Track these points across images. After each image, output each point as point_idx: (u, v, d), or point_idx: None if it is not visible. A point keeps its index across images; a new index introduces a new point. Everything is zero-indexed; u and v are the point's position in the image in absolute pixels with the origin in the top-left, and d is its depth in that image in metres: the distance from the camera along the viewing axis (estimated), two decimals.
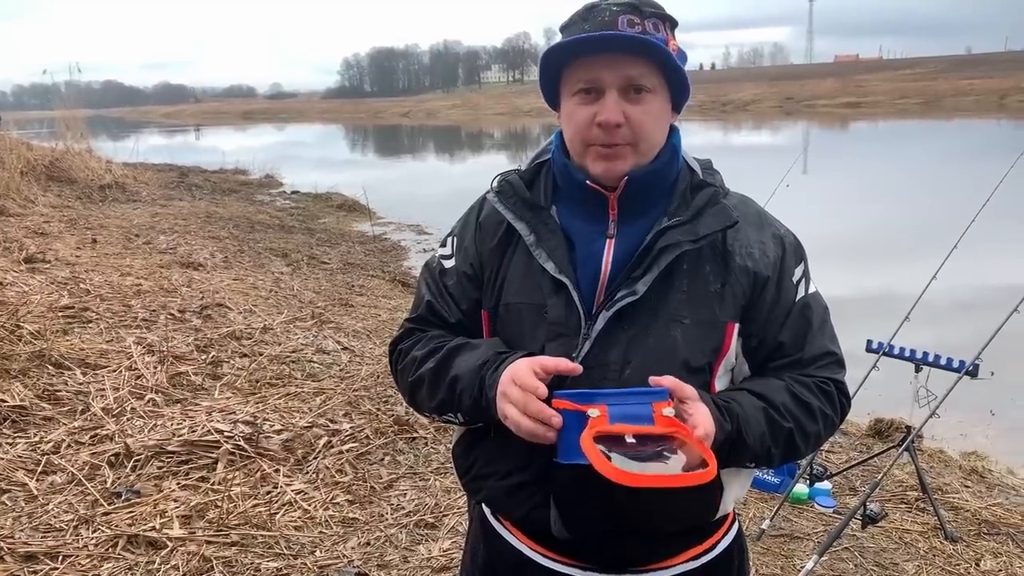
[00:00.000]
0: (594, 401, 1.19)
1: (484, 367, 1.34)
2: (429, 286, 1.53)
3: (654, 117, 1.34)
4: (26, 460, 3.63)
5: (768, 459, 1.36)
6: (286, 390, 4.69)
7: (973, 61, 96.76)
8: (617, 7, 1.29)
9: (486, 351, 1.38)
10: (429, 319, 1.51)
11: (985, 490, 4.11)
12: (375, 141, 48.45)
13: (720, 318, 1.36)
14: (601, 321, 1.34)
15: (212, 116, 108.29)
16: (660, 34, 1.30)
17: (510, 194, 1.45)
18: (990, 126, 36.89)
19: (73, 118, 16.79)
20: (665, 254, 1.33)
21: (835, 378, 1.42)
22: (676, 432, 1.17)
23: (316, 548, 3.24)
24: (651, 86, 1.32)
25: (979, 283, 7.37)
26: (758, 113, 63.13)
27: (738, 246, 1.38)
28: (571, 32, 1.33)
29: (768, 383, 1.38)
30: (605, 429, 1.15)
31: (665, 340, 1.34)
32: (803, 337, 1.40)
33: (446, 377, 1.39)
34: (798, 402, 1.36)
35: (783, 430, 1.34)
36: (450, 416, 1.42)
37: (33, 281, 6.36)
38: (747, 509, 3.75)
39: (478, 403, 1.34)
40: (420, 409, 1.49)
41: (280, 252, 9.84)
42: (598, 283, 1.37)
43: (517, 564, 1.46)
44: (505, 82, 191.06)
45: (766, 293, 1.38)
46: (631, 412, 1.18)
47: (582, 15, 1.33)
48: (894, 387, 4.07)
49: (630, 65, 1.30)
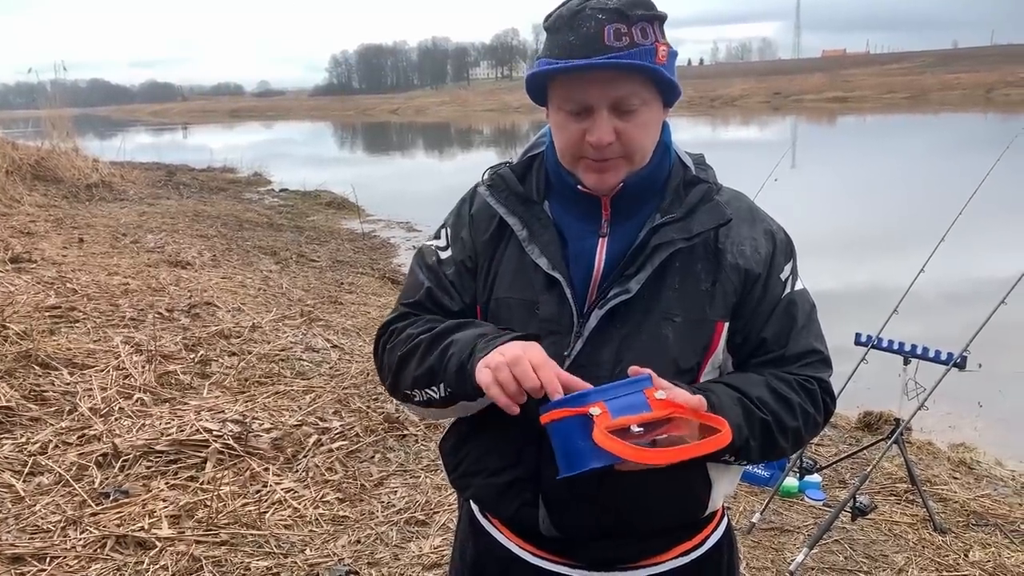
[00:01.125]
0: (588, 401, 1.15)
1: (483, 336, 1.29)
2: (428, 274, 1.47)
3: (646, 128, 1.31)
4: (12, 461, 3.60)
5: (747, 452, 1.32)
6: (275, 388, 4.67)
7: (959, 55, 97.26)
8: (603, 14, 1.23)
9: (493, 328, 1.33)
10: (427, 306, 1.46)
11: (973, 481, 4.13)
12: (364, 138, 48.31)
13: (710, 317, 1.34)
14: (594, 319, 1.32)
15: (199, 114, 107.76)
16: (649, 40, 1.25)
17: (502, 188, 1.42)
18: (977, 120, 37.11)
19: (59, 117, 16.67)
20: (659, 252, 1.31)
21: (818, 376, 1.40)
22: (675, 412, 1.16)
23: (306, 546, 3.23)
24: (642, 100, 1.28)
25: (967, 275, 7.42)
26: (746, 108, 63.29)
27: (730, 243, 1.36)
28: (555, 39, 1.28)
29: (747, 378, 1.36)
30: (612, 423, 1.13)
31: (657, 338, 1.32)
32: (787, 334, 1.38)
33: (440, 344, 1.33)
34: (777, 396, 1.34)
35: (760, 422, 1.31)
36: (432, 391, 1.33)
37: (19, 281, 6.31)
38: (737, 503, 3.76)
39: (464, 370, 1.26)
40: (401, 387, 1.40)
41: (269, 250, 9.80)
42: (591, 280, 1.35)
43: (506, 562, 1.46)
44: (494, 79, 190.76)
45: (755, 290, 1.36)
46: (627, 403, 1.16)
47: (567, 22, 1.26)
48: (883, 380, 4.09)
49: (619, 85, 1.26)
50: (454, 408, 1.37)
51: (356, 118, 79.37)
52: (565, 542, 1.39)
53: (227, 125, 72.35)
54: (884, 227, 11.02)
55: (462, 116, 71.66)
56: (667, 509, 1.35)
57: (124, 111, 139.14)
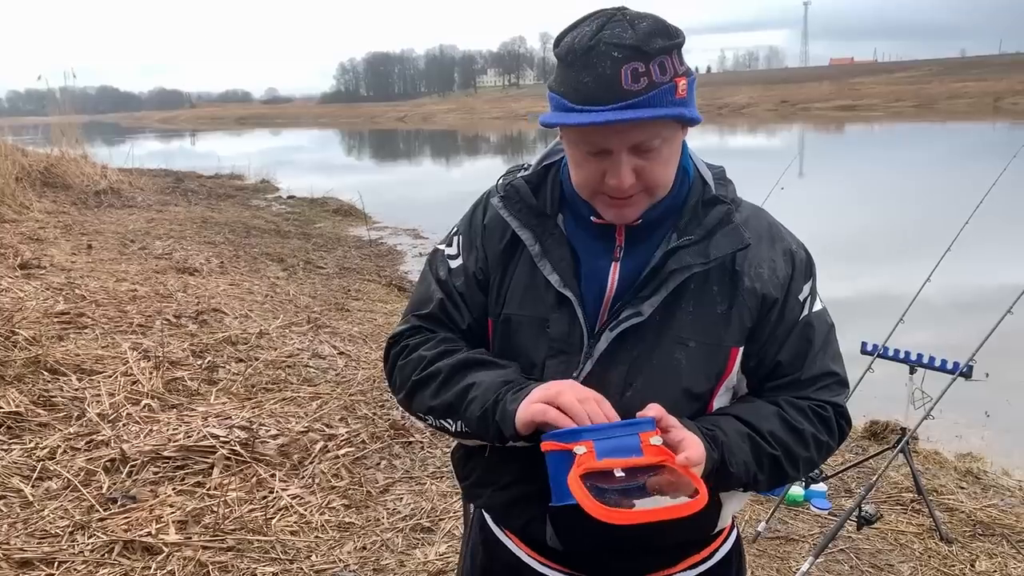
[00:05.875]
0: (580, 438, 1.16)
1: (508, 385, 1.28)
2: (438, 286, 1.46)
3: (667, 164, 1.26)
4: (21, 466, 3.62)
5: (755, 484, 1.32)
6: (282, 395, 4.69)
7: (967, 64, 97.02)
8: (619, 52, 1.15)
9: (513, 373, 1.32)
10: (440, 319, 1.45)
11: (980, 491, 4.12)
12: (371, 146, 48.46)
13: (725, 342, 1.32)
14: (604, 341, 1.30)
15: (207, 121, 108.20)
16: (668, 76, 1.17)
17: (515, 200, 1.38)
18: (985, 128, 36.98)
19: (68, 123, 16.77)
20: (674, 277, 1.28)
21: (833, 401, 1.37)
22: (665, 461, 1.15)
23: (312, 553, 3.23)
24: (662, 139, 1.22)
25: (974, 284, 7.39)
26: (754, 116, 63.23)
27: (747, 266, 1.33)
28: (568, 75, 1.20)
29: (758, 408, 1.34)
30: (593, 466, 1.13)
31: (669, 363, 1.30)
32: (803, 357, 1.36)
33: (460, 382, 1.32)
34: (788, 428, 1.32)
35: (769, 457, 1.30)
36: (447, 423, 1.35)
37: (28, 287, 6.35)
38: (742, 512, 3.76)
39: (487, 417, 1.27)
40: (414, 409, 1.42)
41: (276, 257, 9.83)
42: (603, 300, 1.33)
43: (516, 569, 1.46)
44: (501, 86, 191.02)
45: (771, 314, 1.34)
46: (619, 445, 1.15)
47: (580, 58, 1.18)
48: (889, 389, 4.09)
49: (639, 131, 1.19)
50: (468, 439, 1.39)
51: (363, 125, 79.55)
52: (574, 554, 1.39)
53: (235, 132, 72.64)
54: (891, 236, 11.00)
55: (469, 123, 71.78)
56: (675, 529, 1.28)
57: (133, 118, 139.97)
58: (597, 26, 1.19)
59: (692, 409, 1.32)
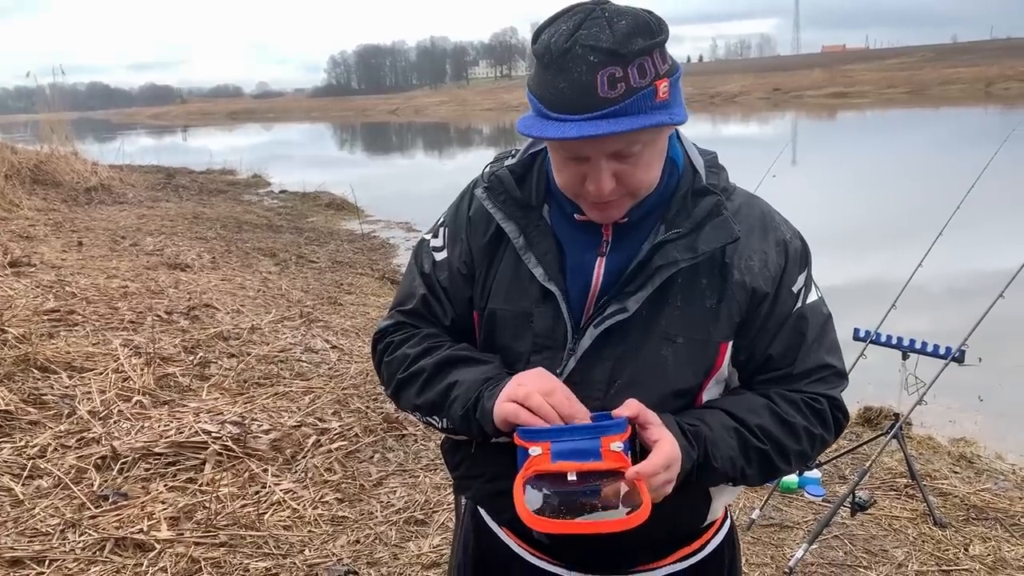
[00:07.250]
0: (538, 439, 1.15)
1: (488, 382, 1.27)
2: (422, 280, 1.44)
3: (649, 167, 1.22)
4: (11, 465, 3.60)
5: (743, 479, 1.30)
6: (274, 390, 4.67)
7: (959, 49, 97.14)
8: (595, 57, 1.09)
9: (494, 369, 1.31)
10: (423, 314, 1.43)
11: (974, 476, 4.12)
12: (363, 139, 48.32)
13: (714, 338, 1.28)
14: (588, 337, 1.27)
15: (199, 117, 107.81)
16: (647, 79, 1.11)
17: (499, 191, 1.34)
18: (976, 113, 37.04)
19: (58, 121, 16.67)
20: (661, 272, 1.24)
21: (828, 393, 1.33)
22: (621, 467, 1.13)
23: (305, 547, 3.22)
24: (642, 143, 1.17)
25: (966, 269, 7.41)
26: (746, 105, 63.23)
27: (737, 258, 1.28)
28: (544, 78, 1.15)
29: (748, 401, 1.31)
30: (544, 468, 1.12)
31: (655, 360, 1.27)
32: (795, 350, 1.32)
33: (442, 381, 1.32)
34: (779, 422, 1.29)
35: (757, 451, 1.27)
36: (433, 420, 1.35)
37: (18, 285, 6.31)
38: (736, 499, 3.75)
39: (469, 415, 1.27)
40: (401, 405, 1.43)
41: (268, 252, 9.80)
42: (588, 295, 1.29)
43: (507, 559, 1.46)
44: (493, 78, 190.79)
45: (762, 308, 1.29)
46: (577, 448, 1.14)
47: (556, 61, 1.12)
48: (882, 375, 4.09)
49: (615, 140, 1.14)
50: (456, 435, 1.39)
51: (355, 119, 79.38)
52: (563, 546, 1.38)
53: (226, 127, 72.35)
54: (883, 221, 11.01)
55: (461, 115, 71.64)
56: (663, 523, 1.25)
57: (123, 114, 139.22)
58: (574, 24, 1.13)
59: (679, 405, 1.30)
